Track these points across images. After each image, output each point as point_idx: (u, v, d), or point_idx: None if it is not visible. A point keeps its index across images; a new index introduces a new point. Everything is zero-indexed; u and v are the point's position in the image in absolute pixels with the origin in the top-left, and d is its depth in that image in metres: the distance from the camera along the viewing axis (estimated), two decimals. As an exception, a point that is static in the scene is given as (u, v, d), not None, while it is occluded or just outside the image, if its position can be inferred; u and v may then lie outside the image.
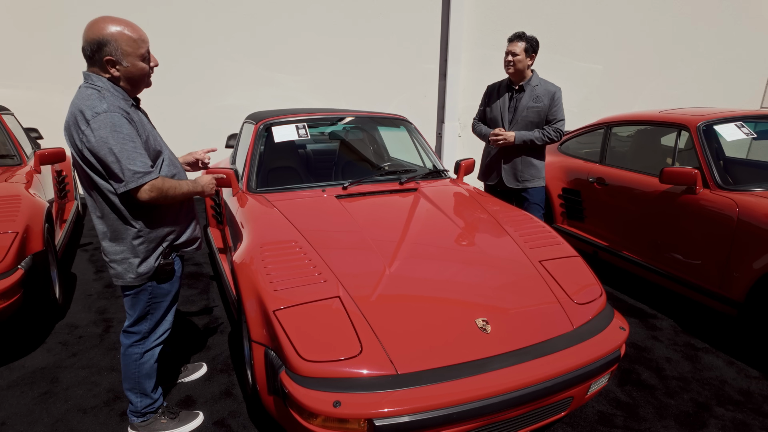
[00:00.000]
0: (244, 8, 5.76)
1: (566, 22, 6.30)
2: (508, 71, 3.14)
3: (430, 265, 2.10)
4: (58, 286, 3.09)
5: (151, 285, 1.84)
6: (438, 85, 6.38)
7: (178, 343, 2.72)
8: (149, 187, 1.63)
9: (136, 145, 1.60)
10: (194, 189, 1.87)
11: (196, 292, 3.44)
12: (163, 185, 1.67)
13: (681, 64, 6.81)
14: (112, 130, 1.56)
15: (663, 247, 3.18)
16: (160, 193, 1.66)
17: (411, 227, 2.43)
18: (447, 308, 1.84)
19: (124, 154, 1.57)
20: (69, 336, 2.80)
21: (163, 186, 1.67)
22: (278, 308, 1.73)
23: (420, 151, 3.42)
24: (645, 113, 3.74)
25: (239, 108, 5.91)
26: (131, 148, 1.59)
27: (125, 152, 1.57)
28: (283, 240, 2.17)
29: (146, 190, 1.62)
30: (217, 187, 2.23)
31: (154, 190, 1.64)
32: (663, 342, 2.81)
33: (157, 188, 1.65)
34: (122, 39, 1.61)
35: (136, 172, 1.59)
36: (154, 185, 1.64)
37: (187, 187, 1.82)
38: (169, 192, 1.70)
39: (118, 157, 1.57)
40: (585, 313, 1.99)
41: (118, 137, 1.57)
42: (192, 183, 1.87)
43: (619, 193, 3.54)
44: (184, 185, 1.80)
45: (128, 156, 1.58)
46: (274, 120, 3.11)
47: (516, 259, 2.19)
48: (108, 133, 1.55)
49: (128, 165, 1.58)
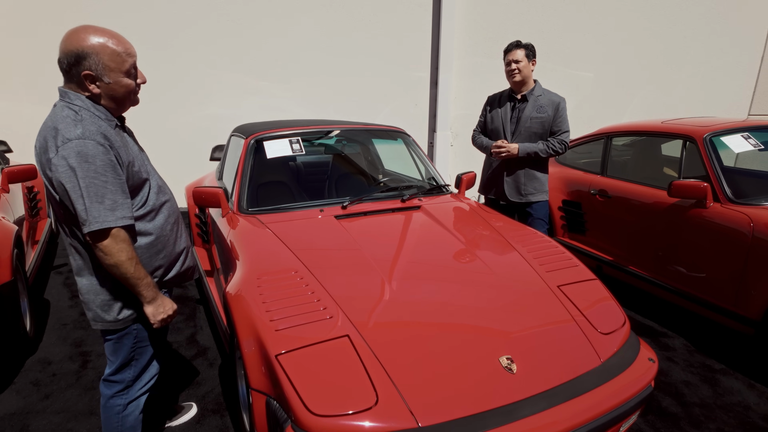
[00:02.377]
0: (227, 14, 5.54)
1: (557, 31, 6.26)
2: (513, 80, 3.01)
3: (444, 294, 1.93)
4: (29, 317, 2.83)
5: (136, 327, 1.63)
6: (429, 93, 6.26)
7: (164, 379, 2.49)
8: (108, 234, 1.38)
9: (107, 180, 1.38)
10: (146, 290, 1.50)
11: (182, 318, 3.20)
12: (121, 240, 1.41)
13: (670, 72, 6.83)
14: (83, 160, 1.34)
15: (671, 262, 3.08)
16: (112, 245, 1.39)
17: (420, 250, 2.26)
18: (468, 345, 1.67)
19: (92, 189, 1.35)
20: (41, 374, 2.54)
21: (120, 241, 1.40)
22: (281, 352, 1.54)
23: (419, 165, 3.26)
24: (647, 123, 3.65)
25: (222, 118, 5.68)
26: (101, 183, 1.37)
27: (93, 187, 1.35)
28: (282, 269, 1.97)
29: (101, 236, 1.38)
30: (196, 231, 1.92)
31: (109, 238, 1.38)
32: (678, 363, 2.70)
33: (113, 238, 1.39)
34: (105, 52, 1.41)
35: (97, 216, 1.36)
36: (114, 234, 1.39)
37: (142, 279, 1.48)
38: (120, 254, 1.40)
39: (83, 193, 1.35)
40: (611, 344, 1.85)
41: (88, 170, 1.35)
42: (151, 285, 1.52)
43: (624, 206, 3.44)
44: (141, 272, 1.48)
45: (96, 192, 1.36)
46: (265, 134, 2.92)
47: (534, 285, 2.05)
48: (77, 163, 1.34)
49: (93, 204, 1.36)
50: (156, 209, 1.57)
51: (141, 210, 1.53)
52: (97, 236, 1.39)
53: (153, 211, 1.56)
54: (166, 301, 1.60)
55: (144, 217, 1.54)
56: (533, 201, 3.13)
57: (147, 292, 1.52)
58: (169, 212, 1.62)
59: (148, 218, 1.55)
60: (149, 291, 1.53)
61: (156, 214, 1.57)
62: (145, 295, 1.52)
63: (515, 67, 2.96)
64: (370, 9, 5.86)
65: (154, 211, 1.57)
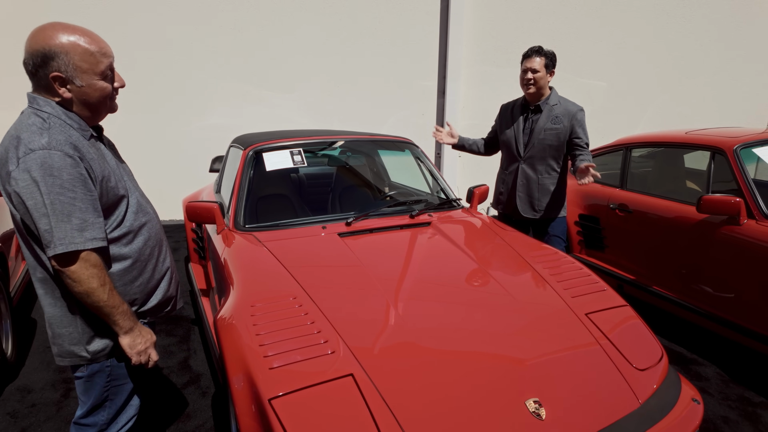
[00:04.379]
0: (228, 21, 5.42)
1: (568, 38, 6.09)
2: (527, 91, 2.81)
3: (460, 325, 1.73)
4: (11, 340, 2.64)
5: (110, 364, 1.43)
6: (436, 102, 6.09)
7: (151, 410, 2.29)
8: (76, 257, 1.21)
9: (75, 195, 1.20)
10: (121, 320, 1.32)
11: (175, 341, 3.00)
12: (91, 265, 1.23)
13: (685, 81, 6.64)
14: (47, 173, 1.17)
15: (699, 282, 2.86)
16: (81, 270, 1.22)
17: (431, 272, 2.06)
18: (489, 386, 1.46)
19: (57, 206, 1.18)
20: (19, 404, 2.34)
21: (90, 266, 1.23)
22: (275, 395, 1.34)
23: (428, 177, 3.07)
24: (669, 134, 3.45)
25: (222, 128, 5.52)
26: (68, 199, 1.19)
27: (58, 204, 1.18)
28: (279, 295, 1.78)
29: (69, 260, 1.21)
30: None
31: (78, 262, 1.21)
32: (714, 396, 2.46)
33: (82, 262, 1.22)
34: (75, 51, 1.24)
35: (63, 237, 1.18)
36: (82, 258, 1.22)
37: (116, 307, 1.30)
38: (90, 280, 1.23)
39: (48, 210, 1.18)
40: (649, 382, 1.64)
41: (53, 184, 1.17)
42: (128, 314, 1.34)
43: (647, 222, 3.23)
44: (116, 299, 1.30)
45: (62, 210, 1.18)
46: (264, 145, 2.74)
47: (559, 313, 1.83)
48: (40, 177, 1.17)
49: (58, 223, 1.18)
50: (134, 231, 1.39)
51: (116, 231, 1.34)
52: (64, 260, 1.21)
53: (130, 233, 1.38)
54: (144, 331, 1.41)
55: (119, 239, 1.35)
56: (548, 217, 2.92)
57: (123, 322, 1.34)
58: (149, 234, 1.44)
59: (124, 241, 1.36)
60: (125, 320, 1.34)
61: (134, 237, 1.39)
62: (121, 325, 1.34)
63: (531, 77, 2.74)
64: (376, 17, 5.73)
65: (131, 233, 1.38)
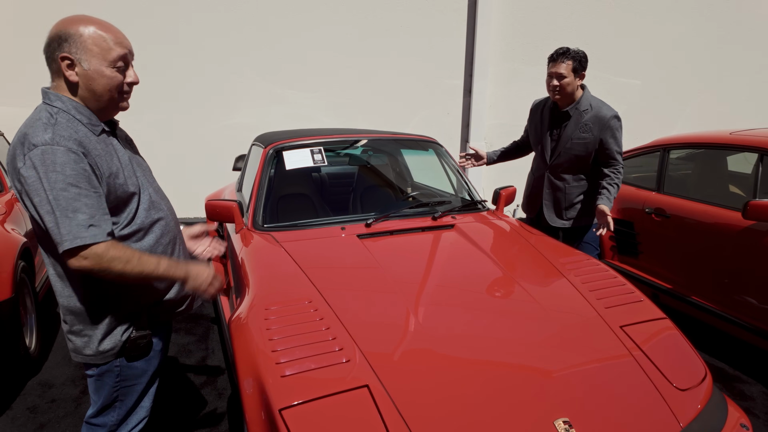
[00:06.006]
0: (256, 24, 5.43)
1: (601, 35, 5.86)
2: (554, 98, 2.60)
3: (484, 334, 1.63)
4: (36, 335, 2.67)
5: (119, 364, 1.40)
6: (462, 101, 5.95)
7: (167, 410, 2.27)
8: (86, 252, 1.16)
9: (80, 192, 1.16)
10: (169, 271, 1.30)
11: (194, 340, 2.99)
12: (107, 254, 1.17)
13: (726, 79, 6.30)
14: (50, 169, 1.14)
15: (742, 293, 2.67)
16: (97, 263, 1.17)
17: (454, 279, 1.96)
18: (516, 402, 1.36)
19: (61, 202, 1.14)
20: (40, 399, 2.36)
21: (106, 255, 1.17)
22: (286, 405, 1.27)
23: (452, 178, 2.97)
24: (711, 134, 3.25)
25: (247, 127, 5.53)
26: (73, 195, 1.15)
27: (62, 200, 1.14)
28: (295, 298, 1.71)
29: (80, 257, 1.16)
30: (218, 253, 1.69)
31: (90, 257, 1.16)
32: (760, 417, 2.28)
33: (96, 256, 1.16)
34: (89, 35, 1.22)
35: (70, 231, 1.14)
36: (94, 251, 1.16)
37: (157, 269, 1.26)
38: (114, 265, 1.18)
39: (53, 206, 1.14)
40: (691, 404, 1.50)
41: (57, 180, 1.14)
42: (172, 265, 1.31)
43: (685, 228, 3.04)
44: (151, 263, 1.25)
45: (66, 206, 1.14)
46: (285, 143, 2.69)
47: (591, 325, 1.71)
48: (44, 173, 1.13)
49: (64, 218, 1.14)
50: (145, 228, 1.34)
51: (127, 229, 1.30)
52: (75, 256, 1.17)
53: (141, 231, 1.33)
54: (195, 271, 1.35)
55: (130, 236, 1.31)
56: (579, 225, 2.76)
57: (174, 276, 1.32)
58: (162, 231, 1.39)
59: (135, 238, 1.32)
60: (174, 273, 1.31)
61: (145, 234, 1.34)
62: (174, 278, 1.33)
63: (557, 84, 2.48)
64: (402, 15, 5.64)
65: (142, 230, 1.34)
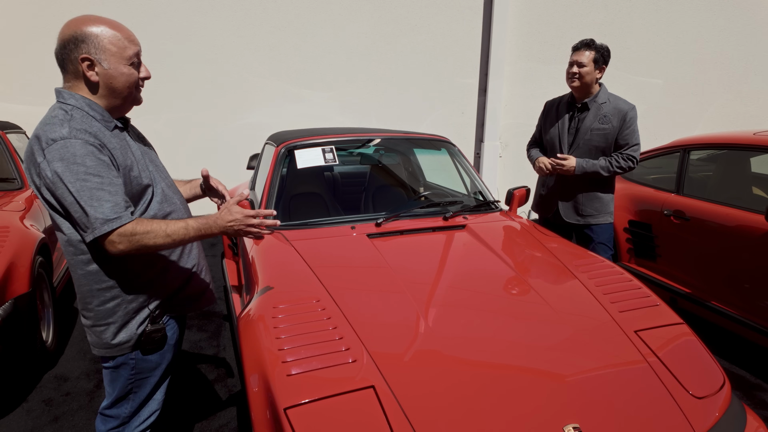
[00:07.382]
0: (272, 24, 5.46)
1: (621, 33, 5.75)
2: (572, 84, 2.63)
3: (494, 336, 1.60)
4: (53, 329, 2.73)
5: (134, 357, 1.42)
6: (477, 101, 5.91)
7: (177, 406, 2.29)
8: (116, 237, 1.21)
9: (103, 180, 1.21)
10: (201, 230, 1.31)
11: (206, 336, 3.02)
12: (136, 230, 1.22)
13: (750, 78, 6.13)
14: (70, 162, 1.18)
15: (765, 299, 2.58)
16: (130, 243, 1.22)
17: (464, 280, 1.94)
18: (525, 406, 1.33)
19: (85, 193, 1.18)
20: (55, 392, 2.40)
21: (136, 231, 1.22)
22: (291, 404, 1.27)
23: (465, 178, 2.94)
24: (735, 135, 3.15)
25: (262, 126, 5.58)
26: (96, 184, 1.19)
27: (86, 191, 1.18)
28: (303, 297, 1.71)
29: (113, 242, 1.21)
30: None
31: (122, 240, 1.21)
32: (781, 427, 2.20)
33: (126, 237, 1.21)
34: (105, 35, 1.26)
35: (97, 217, 1.19)
36: (123, 233, 1.21)
37: (185, 230, 1.29)
38: (145, 240, 1.23)
39: (76, 198, 1.18)
40: (708, 412, 1.45)
41: (77, 171, 1.18)
42: (198, 220, 1.32)
43: (706, 231, 2.95)
44: (178, 226, 1.29)
45: (90, 195, 1.19)
46: (297, 142, 2.70)
47: (605, 329, 1.67)
48: (64, 166, 1.18)
49: (90, 207, 1.19)
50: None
51: (141, 221, 1.33)
52: (109, 241, 1.21)
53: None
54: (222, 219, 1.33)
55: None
56: (593, 223, 2.72)
57: (207, 232, 1.33)
58: None
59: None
60: (208, 231, 1.33)
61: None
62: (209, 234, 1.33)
63: (576, 71, 2.56)
64: (417, 13, 5.61)
65: (156, 222, 1.36)
